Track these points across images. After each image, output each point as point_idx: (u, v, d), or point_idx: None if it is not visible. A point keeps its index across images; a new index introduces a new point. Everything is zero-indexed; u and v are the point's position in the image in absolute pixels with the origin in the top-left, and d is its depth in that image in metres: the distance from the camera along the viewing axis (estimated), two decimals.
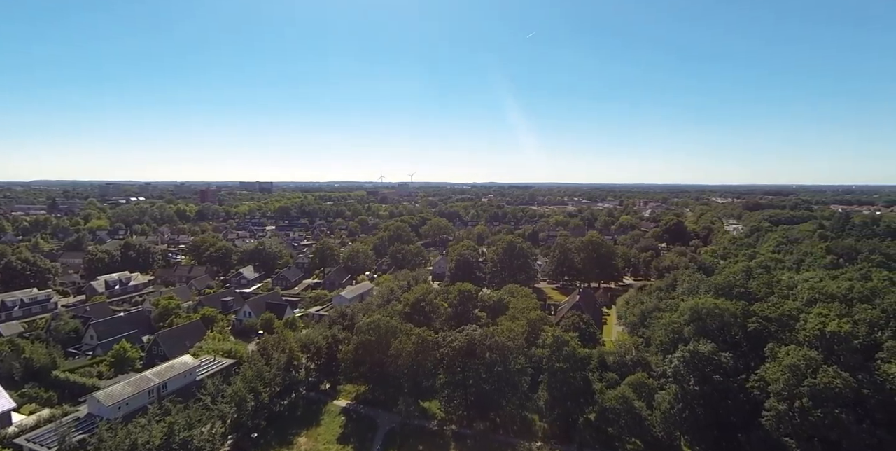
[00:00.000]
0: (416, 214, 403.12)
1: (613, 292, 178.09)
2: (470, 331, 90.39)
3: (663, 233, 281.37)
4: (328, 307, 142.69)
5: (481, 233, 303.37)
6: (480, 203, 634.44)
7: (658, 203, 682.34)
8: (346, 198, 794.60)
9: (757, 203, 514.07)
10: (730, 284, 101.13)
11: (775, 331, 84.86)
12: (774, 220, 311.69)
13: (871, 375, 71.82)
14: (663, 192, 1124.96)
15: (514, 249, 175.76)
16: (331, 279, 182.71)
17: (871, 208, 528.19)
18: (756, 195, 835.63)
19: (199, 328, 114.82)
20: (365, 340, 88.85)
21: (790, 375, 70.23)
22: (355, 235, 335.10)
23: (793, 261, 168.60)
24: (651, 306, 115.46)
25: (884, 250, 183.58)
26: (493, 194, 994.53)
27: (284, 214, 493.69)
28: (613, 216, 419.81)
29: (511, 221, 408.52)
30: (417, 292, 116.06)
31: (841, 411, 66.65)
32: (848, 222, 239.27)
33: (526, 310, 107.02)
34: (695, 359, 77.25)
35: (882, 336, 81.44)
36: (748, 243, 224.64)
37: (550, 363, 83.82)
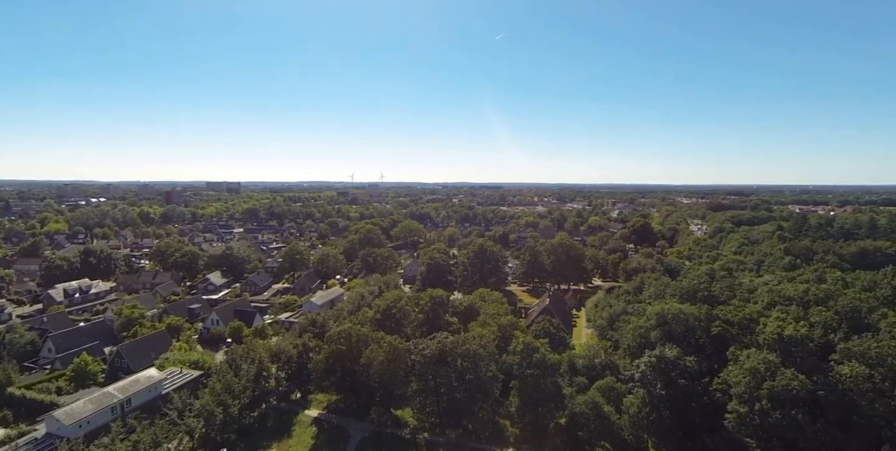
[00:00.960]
0: (387, 216, 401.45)
1: (583, 294, 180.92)
2: (441, 338, 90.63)
3: (631, 234, 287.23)
4: (298, 314, 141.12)
5: (452, 235, 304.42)
6: (451, 204, 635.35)
7: (626, 204, 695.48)
8: (316, 199, 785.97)
9: (720, 204, 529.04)
10: (694, 288, 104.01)
11: (737, 334, 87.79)
12: (736, 221, 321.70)
13: (825, 376, 74.98)
14: (631, 192, 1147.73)
15: (484, 252, 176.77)
16: (301, 284, 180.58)
17: (825, 208, 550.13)
18: (719, 195, 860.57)
19: (165, 338, 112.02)
20: (336, 349, 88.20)
21: (750, 378, 72.86)
22: (325, 237, 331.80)
23: (754, 262, 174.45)
24: (619, 309, 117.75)
25: (837, 251, 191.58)
26: (463, 195, 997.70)
27: (253, 216, 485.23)
28: (582, 217, 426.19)
29: (482, 223, 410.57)
30: (388, 298, 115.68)
31: (797, 412, 69.61)
32: (805, 224, 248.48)
33: (497, 315, 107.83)
34: (661, 364, 79.39)
35: (835, 338, 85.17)
36: (712, 244, 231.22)
37: (521, 370, 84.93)
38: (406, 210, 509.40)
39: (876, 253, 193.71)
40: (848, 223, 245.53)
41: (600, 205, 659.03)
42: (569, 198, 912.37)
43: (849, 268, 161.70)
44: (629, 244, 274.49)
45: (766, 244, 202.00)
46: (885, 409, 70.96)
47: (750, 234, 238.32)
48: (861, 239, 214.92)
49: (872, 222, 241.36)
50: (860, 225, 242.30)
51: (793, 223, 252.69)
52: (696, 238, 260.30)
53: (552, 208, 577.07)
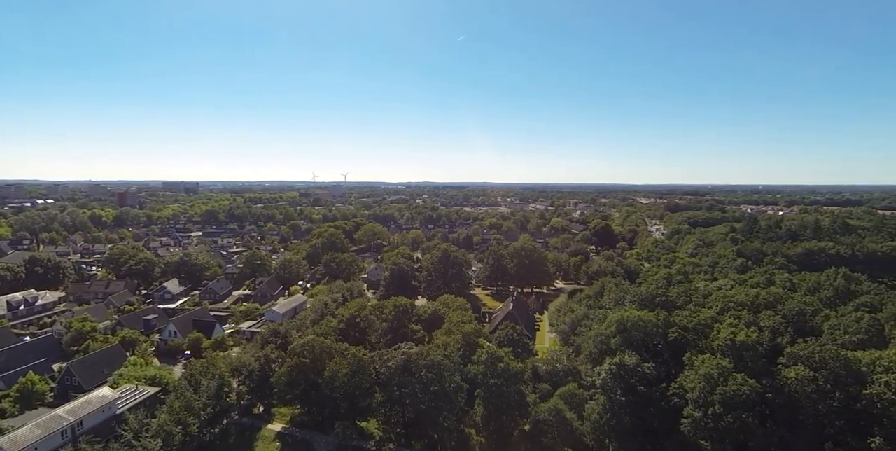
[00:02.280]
0: (350, 218, 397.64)
1: (545, 298, 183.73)
2: (406, 349, 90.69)
3: (592, 236, 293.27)
4: (260, 323, 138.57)
5: (416, 238, 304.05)
6: (415, 205, 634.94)
7: (587, 204, 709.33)
8: (278, 200, 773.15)
9: (676, 204, 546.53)
10: (652, 294, 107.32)
11: (693, 340, 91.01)
12: (692, 222, 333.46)
13: (773, 379, 78.74)
14: (592, 192, 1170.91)
15: (448, 257, 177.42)
16: (262, 291, 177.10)
17: (774, 208, 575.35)
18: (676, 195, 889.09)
19: (119, 353, 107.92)
20: (299, 362, 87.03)
21: (705, 383, 75.74)
22: (287, 240, 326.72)
23: (708, 264, 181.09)
24: (581, 314, 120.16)
25: (785, 252, 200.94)
26: (427, 195, 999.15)
27: (212, 219, 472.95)
28: (545, 218, 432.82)
29: (445, 225, 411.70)
30: (352, 307, 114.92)
31: (748, 414, 72.80)
32: (755, 225, 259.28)
33: (461, 323, 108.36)
34: (621, 371, 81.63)
35: (783, 341, 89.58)
36: (669, 245, 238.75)
37: (485, 379, 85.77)
38: (369, 212, 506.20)
39: (820, 254, 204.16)
40: (795, 225, 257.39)
41: (562, 205, 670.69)
42: (532, 198, 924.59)
43: (795, 269, 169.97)
44: (590, 246, 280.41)
45: (719, 246, 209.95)
46: (827, 409, 75.07)
47: (705, 235, 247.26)
48: (807, 240, 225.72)
49: (817, 224, 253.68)
50: (805, 226, 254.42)
51: (744, 225, 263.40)
52: (655, 240, 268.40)
53: (515, 209, 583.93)
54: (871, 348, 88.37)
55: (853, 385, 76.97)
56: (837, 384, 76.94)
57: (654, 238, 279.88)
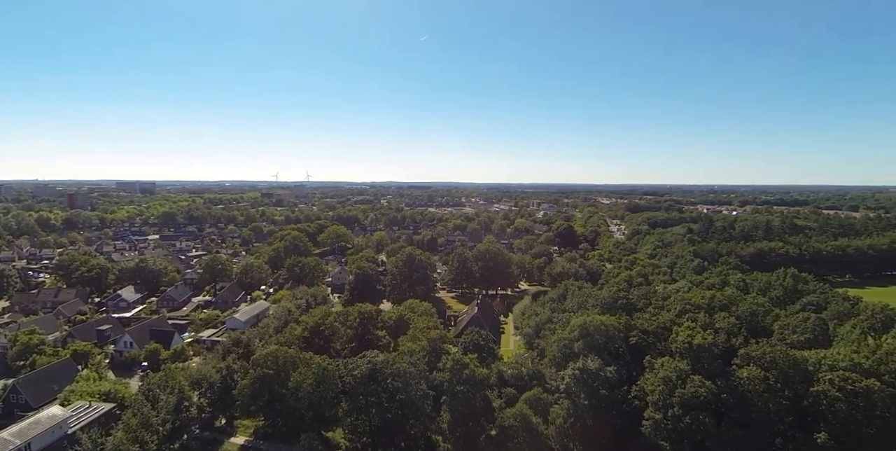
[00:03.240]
0: (314, 219, 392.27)
1: (510, 299, 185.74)
2: (371, 357, 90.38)
3: (556, 237, 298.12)
4: (221, 331, 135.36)
5: (381, 240, 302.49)
6: (380, 206, 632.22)
7: (550, 204, 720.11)
8: (239, 201, 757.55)
9: (637, 205, 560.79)
10: (614, 297, 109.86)
11: (652, 342, 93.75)
12: (652, 222, 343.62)
13: (728, 379, 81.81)
14: (555, 192, 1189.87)
15: (413, 261, 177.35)
16: (223, 297, 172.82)
17: (728, 208, 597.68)
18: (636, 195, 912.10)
19: (70, 367, 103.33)
20: (262, 373, 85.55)
21: (664, 386, 78.22)
22: (249, 243, 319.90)
23: (667, 265, 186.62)
24: (545, 317, 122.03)
25: (738, 252, 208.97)
26: (391, 195, 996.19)
27: (169, 221, 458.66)
28: (509, 219, 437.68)
29: (410, 226, 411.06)
30: (316, 315, 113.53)
31: (705, 416, 75.54)
32: (711, 226, 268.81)
33: (426, 329, 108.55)
34: (584, 375, 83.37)
35: (736, 342, 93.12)
36: (630, 247, 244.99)
37: (451, 386, 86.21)
38: (333, 213, 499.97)
39: (771, 253, 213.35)
40: (748, 225, 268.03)
41: (526, 206, 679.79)
42: (496, 198, 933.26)
43: (748, 269, 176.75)
44: (554, 247, 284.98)
45: (678, 247, 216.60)
46: (777, 407, 78.43)
47: (664, 236, 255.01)
48: (758, 240, 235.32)
49: (768, 225, 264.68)
50: (758, 227, 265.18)
51: (700, 226, 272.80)
52: (616, 241, 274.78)
53: (480, 210, 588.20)
54: (818, 348, 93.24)
55: (801, 384, 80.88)
56: (786, 382, 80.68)
57: (615, 239, 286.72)
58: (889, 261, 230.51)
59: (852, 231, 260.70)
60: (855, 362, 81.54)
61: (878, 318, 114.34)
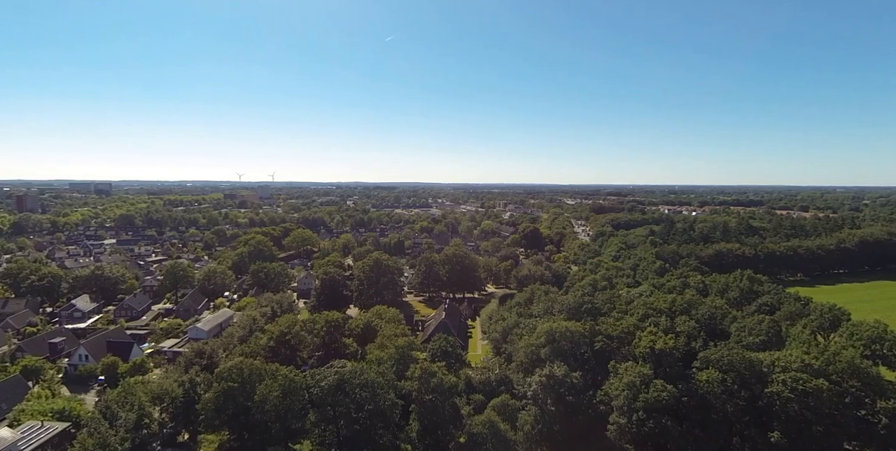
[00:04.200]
0: (279, 222, 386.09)
1: (477, 303, 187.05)
2: (339, 367, 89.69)
3: (522, 239, 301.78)
4: (183, 342, 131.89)
5: (347, 243, 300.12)
6: (346, 207, 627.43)
7: (516, 205, 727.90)
8: (201, 202, 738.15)
9: (601, 206, 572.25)
10: (579, 302, 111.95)
11: (617, 347, 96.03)
12: (615, 223, 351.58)
13: (688, 383, 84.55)
14: (521, 193, 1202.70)
15: (380, 266, 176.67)
16: (185, 305, 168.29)
17: (688, 208, 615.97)
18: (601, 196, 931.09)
19: (20, 385, 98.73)
20: (227, 386, 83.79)
21: (628, 391, 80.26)
22: (212, 248, 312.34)
23: (630, 267, 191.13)
24: (512, 322, 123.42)
25: (698, 254, 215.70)
26: (358, 196, 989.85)
27: (127, 224, 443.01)
28: (476, 221, 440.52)
29: (377, 228, 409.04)
30: (282, 324, 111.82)
31: (667, 419, 77.92)
32: (672, 228, 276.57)
33: (394, 337, 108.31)
34: (550, 381, 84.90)
35: (696, 345, 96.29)
36: (594, 249, 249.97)
37: (420, 395, 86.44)
38: (299, 215, 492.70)
39: (728, 254, 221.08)
40: (706, 227, 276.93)
41: (492, 207, 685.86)
42: (462, 199, 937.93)
43: (707, 271, 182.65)
44: (520, 249, 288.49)
45: (640, 249, 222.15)
46: (734, 408, 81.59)
47: (627, 238, 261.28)
48: (717, 241, 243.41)
49: (725, 226, 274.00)
50: (716, 228, 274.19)
51: (662, 228, 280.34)
52: (581, 243, 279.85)
53: (446, 211, 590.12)
54: (772, 349, 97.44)
55: (756, 385, 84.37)
56: (743, 384, 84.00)
57: (580, 241, 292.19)
58: (836, 260, 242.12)
59: (803, 232, 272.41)
60: (805, 362, 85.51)
61: (827, 317, 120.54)
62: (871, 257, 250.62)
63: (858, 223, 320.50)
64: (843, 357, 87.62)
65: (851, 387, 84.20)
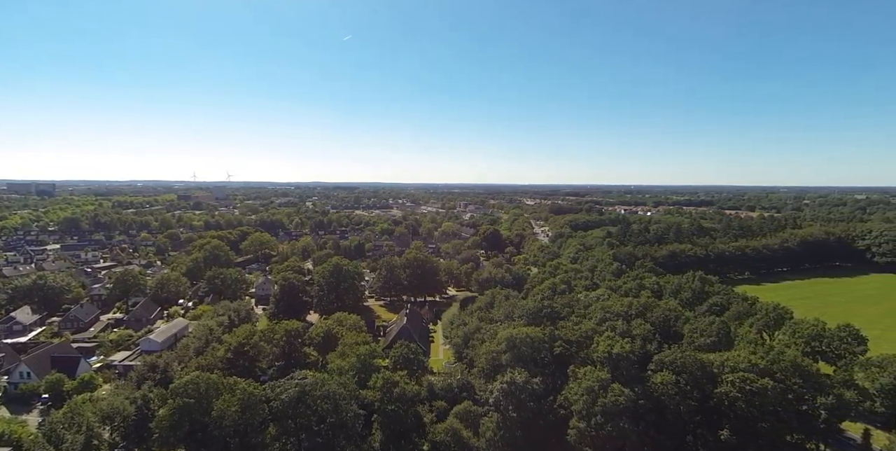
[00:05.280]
0: (236, 225, 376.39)
1: (439, 306, 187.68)
2: (299, 379, 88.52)
3: (482, 241, 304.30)
4: (135, 354, 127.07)
5: (306, 246, 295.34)
6: (305, 209, 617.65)
7: (477, 206, 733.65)
8: (153, 204, 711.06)
9: (560, 207, 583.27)
10: (539, 307, 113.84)
11: (575, 352, 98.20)
12: (574, 224, 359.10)
13: (644, 385, 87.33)
14: (482, 193, 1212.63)
15: (340, 271, 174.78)
16: (137, 315, 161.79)
17: (644, 209, 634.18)
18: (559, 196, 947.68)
19: None
20: (183, 403, 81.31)
21: (588, 396, 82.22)
22: (165, 252, 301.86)
23: (588, 269, 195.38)
24: (473, 327, 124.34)
25: (653, 255, 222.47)
26: (317, 197, 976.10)
27: (73, 228, 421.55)
28: (437, 222, 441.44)
29: (337, 231, 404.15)
30: (240, 335, 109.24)
31: (625, 422, 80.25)
32: (628, 229, 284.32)
33: (355, 345, 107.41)
34: (512, 388, 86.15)
35: (651, 348, 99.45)
36: (553, 250, 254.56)
37: (382, 406, 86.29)
38: (256, 217, 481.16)
39: (681, 255, 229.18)
40: (661, 228, 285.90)
41: (453, 207, 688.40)
42: (423, 200, 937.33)
43: (662, 272, 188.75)
44: (481, 251, 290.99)
45: (598, 250, 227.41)
46: (687, 409, 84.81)
47: (585, 239, 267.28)
48: (670, 243, 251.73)
49: (678, 227, 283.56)
50: (669, 229, 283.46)
51: (618, 229, 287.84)
52: (540, 245, 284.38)
53: (407, 212, 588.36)
54: (722, 349, 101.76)
55: (707, 385, 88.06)
56: (695, 385, 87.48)
57: (539, 243, 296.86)
58: (780, 259, 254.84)
59: (750, 232, 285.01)
60: (752, 362, 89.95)
61: (771, 316, 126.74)
62: (810, 256, 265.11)
63: (800, 223, 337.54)
64: (786, 356, 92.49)
65: (794, 384, 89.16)
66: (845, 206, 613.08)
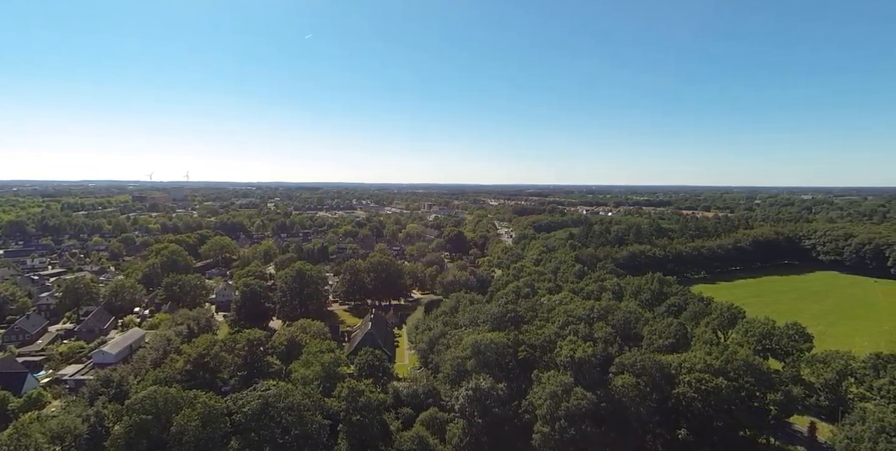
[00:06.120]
0: (194, 229, 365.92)
1: (403, 310, 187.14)
2: (262, 391, 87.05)
3: (447, 243, 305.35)
4: (87, 367, 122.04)
5: (268, 250, 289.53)
6: (267, 210, 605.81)
7: (441, 206, 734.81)
8: (106, 205, 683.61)
9: (523, 207, 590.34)
10: (503, 312, 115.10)
11: (539, 356, 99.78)
12: (537, 225, 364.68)
13: (605, 388, 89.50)
14: (446, 193, 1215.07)
15: (303, 276, 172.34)
16: (88, 326, 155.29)
17: (605, 209, 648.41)
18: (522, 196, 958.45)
19: None
20: (140, 419, 78.76)
21: (551, 401, 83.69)
22: (119, 258, 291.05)
23: (551, 270, 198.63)
24: (438, 332, 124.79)
25: (614, 256, 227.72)
26: (279, 198, 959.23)
27: (18, 232, 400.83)
28: (401, 223, 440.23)
29: (300, 233, 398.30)
30: (200, 345, 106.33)
31: (587, 425, 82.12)
32: (590, 230, 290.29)
33: (319, 353, 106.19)
34: (477, 394, 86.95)
35: (613, 350, 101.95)
36: (517, 252, 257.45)
37: (347, 416, 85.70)
38: (216, 219, 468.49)
39: (641, 256, 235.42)
40: (621, 229, 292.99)
41: (417, 208, 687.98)
42: (387, 200, 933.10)
43: (622, 273, 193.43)
44: (445, 253, 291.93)
45: (560, 252, 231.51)
46: (646, 409, 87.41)
47: (548, 241, 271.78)
48: (630, 243, 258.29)
49: (638, 228, 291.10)
50: (630, 230, 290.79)
51: (580, 231, 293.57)
52: (504, 247, 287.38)
53: (371, 214, 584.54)
54: (680, 350, 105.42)
55: (666, 386, 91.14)
56: (654, 386, 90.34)
57: (503, 245, 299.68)
58: (733, 258, 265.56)
59: (705, 233, 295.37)
60: (707, 363, 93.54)
61: (726, 316, 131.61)
62: (762, 255, 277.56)
63: (752, 224, 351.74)
64: (739, 356, 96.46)
65: (746, 383, 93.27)
66: (793, 206, 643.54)
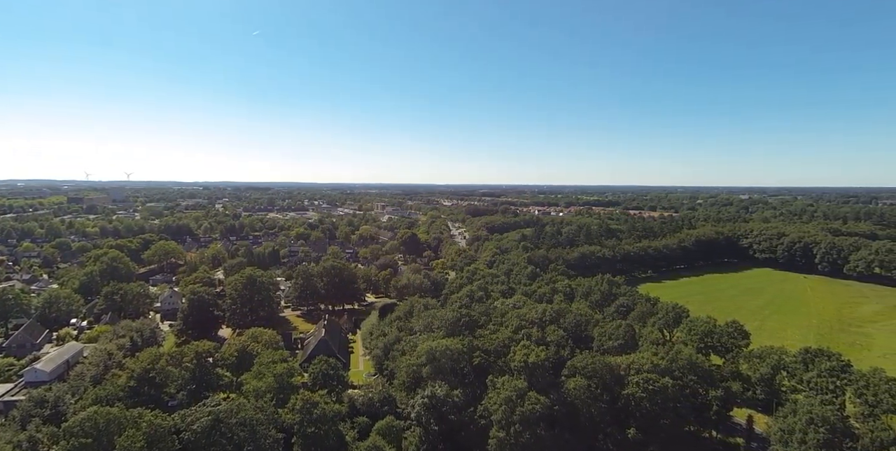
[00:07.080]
0: (137, 232, 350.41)
1: (357, 315, 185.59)
2: (213, 406, 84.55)
3: (401, 245, 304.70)
4: (18, 387, 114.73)
5: (217, 254, 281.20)
6: (215, 212, 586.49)
7: (395, 207, 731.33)
8: (37, 207, 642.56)
9: (476, 208, 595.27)
10: (457, 317, 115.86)
11: (493, 361, 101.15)
12: (490, 227, 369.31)
13: (558, 391, 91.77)
14: (399, 193, 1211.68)
15: (254, 283, 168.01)
16: (19, 341, 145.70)
17: (556, 209, 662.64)
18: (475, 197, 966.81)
19: None
20: (79, 444, 74.76)
21: (506, 406, 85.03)
22: (53, 265, 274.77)
23: (504, 272, 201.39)
24: (393, 337, 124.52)
25: (565, 257, 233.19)
26: (228, 198, 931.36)
27: None
28: (354, 225, 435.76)
29: (249, 236, 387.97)
30: (144, 359, 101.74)
31: (541, 429, 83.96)
32: (542, 232, 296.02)
33: (272, 363, 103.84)
34: (432, 402, 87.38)
35: (565, 353, 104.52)
36: (470, 255, 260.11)
37: (302, 428, 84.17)
38: (160, 221, 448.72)
39: (591, 257, 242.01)
40: (572, 230, 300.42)
41: (370, 209, 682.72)
42: (339, 201, 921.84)
43: (573, 274, 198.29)
44: (399, 255, 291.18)
45: (513, 254, 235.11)
46: (598, 410, 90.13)
47: (501, 243, 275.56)
48: (581, 244, 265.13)
49: (588, 229, 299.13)
50: (580, 231, 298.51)
51: (533, 232, 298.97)
52: (458, 249, 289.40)
53: (324, 215, 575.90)
54: (628, 351, 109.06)
55: (616, 388, 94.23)
56: (605, 388, 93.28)
57: (457, 247, 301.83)
58: (678, 257, 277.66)
59: (652, 233, 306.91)
60: (654, 363, 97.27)
61: (671, 315, 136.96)
62: (704, 254, 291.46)
63: (694, 223, 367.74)
64: (683, 355, 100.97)
65: (690, 381, 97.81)
66: (732, 205, 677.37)
